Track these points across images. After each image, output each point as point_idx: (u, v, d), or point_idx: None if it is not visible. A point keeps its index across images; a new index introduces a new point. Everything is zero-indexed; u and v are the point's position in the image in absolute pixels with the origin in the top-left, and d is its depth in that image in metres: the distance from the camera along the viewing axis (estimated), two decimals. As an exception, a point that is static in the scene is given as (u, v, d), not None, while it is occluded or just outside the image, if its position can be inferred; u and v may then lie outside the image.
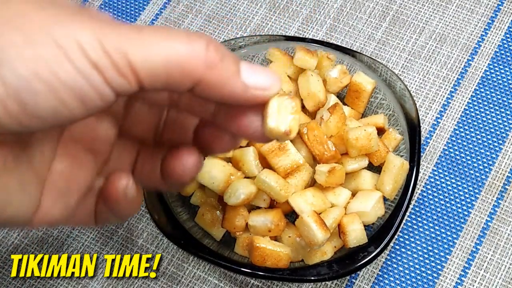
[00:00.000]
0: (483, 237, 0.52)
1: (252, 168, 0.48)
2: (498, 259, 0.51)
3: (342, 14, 0.62)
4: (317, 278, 0.46)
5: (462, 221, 0.52)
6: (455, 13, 0.61)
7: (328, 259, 0.47)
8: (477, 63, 0.58)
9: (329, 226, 0.46)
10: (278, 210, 0.48)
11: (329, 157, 0.48)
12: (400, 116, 0.51)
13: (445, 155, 0.55)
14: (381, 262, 0.51)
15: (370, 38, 0.60)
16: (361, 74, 0.52)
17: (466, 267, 0.51)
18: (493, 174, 0.54)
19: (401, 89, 0.51)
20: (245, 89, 0.29)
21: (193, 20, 0.63)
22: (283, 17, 0.62)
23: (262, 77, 0.29)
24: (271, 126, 0.30)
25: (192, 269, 0.52)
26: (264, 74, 0.30)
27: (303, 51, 0.51)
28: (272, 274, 0.46)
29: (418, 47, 0.60)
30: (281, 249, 0.46)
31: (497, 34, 0.59)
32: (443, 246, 0.52)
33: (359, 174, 0.50)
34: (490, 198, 0.53)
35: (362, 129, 0.48)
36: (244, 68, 0.29)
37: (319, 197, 0.48)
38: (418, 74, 0.58)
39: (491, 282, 0.50)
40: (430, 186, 0.54)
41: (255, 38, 0.55)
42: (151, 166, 0.34)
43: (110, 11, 0.64)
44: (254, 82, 0.29)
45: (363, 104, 0.52)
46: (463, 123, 0.56)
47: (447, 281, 0.50)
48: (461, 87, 0.58)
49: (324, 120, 0.49)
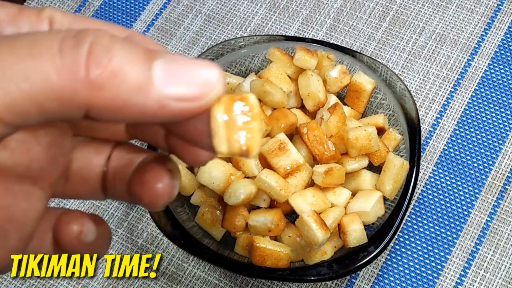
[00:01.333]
0: (483, 237, 0.52)
1: (252, 168, 0.48)
2: (498, 259, 0.51)
3: (342, 14, 0.62)
4: (317, 278, 0.45)
5: (462, 221, 0.52)
6: (455, 13, 0.61)
7: (328, 259, 0.47)
8: (477, 63, 0.58)
9: (329, 226, 0.46)
10: (278, 210, 0.48)
11: (329, 157, 0.48)
12: (400, 116, 0.51)
13: (445, 155, 0.55)
14: (381, 262, 0.51)
15: (370, 38, 0.60)
16: (361, 74, 0.52)
17: (466, 267, 0.51)
18: (493, 174, 0.54)
19: (401, 89, 0.51)
20: (162, 105, 0.20)
21: (193, 20, 0.63)
22: (283, 17, 0.62)
23: (187, 80, 0.21)
24: (220, 150, 0.21)
25: (192, 269, 0.52)
26: (190, 74, 0.21)
27: (303, 51, 0.51)
28: (272, 274, 0.46)
29: (418, 47, 0.59)
30: (281, 249, 0.46)
31: (497, 34, 0.59)
32: (443, 246, 0.52)
33: (359, 174, 0.50)
34: (490, 198, 0.53)
35: (362, 129, 0.48)
36: (159, 70, 0.20)
37: (319, 197, 0.48)
38: (418, 74, 0.58)
39: (491, 282, 0.50)
40: (430, 186, 0.54)
41: (255, 38, 0.54)
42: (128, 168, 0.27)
43: (110, 11, 0.64)
44: (175, 91, 0.20)
45: (363, 104, 0.52)
46: (463, 123, 0.56)
47: (447, 281, 0.50)
48: (461, 87, 0.58)
49: (324, 120, 0.49)
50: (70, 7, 0.64)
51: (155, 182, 0.25)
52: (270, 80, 0.50)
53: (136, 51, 0.20)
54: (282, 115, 0.49)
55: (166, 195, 0.25)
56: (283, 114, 0.49)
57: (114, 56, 0.20)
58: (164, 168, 0.25)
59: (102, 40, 0.20)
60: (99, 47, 0.20)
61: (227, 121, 0.21)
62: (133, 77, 0.20)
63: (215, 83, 0.21)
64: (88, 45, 0.20)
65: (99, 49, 0.20)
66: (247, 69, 0.55)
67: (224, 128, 0.21)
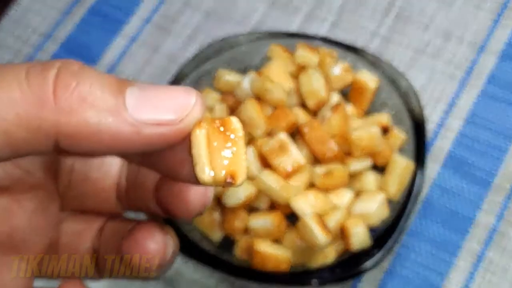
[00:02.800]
0: (490, 240, 0.51)
1: (252, 169, 0.47)
2: (506, 263, 0.50)
3: (344, 10, 0.61)
4: (319, 282, 0.45)
5: (468, 223, 0.52)
6: (461, 9, 0.60)
7: (330, 263, 0.46)
8: (484, 60, 0.58)
9: (331, 228, 0.45)
10: (279, 212, 0.47)
11: (331, 157, 0.47)
12: (405, 115, 0.50)
13: (451, 155, 0.54)
14: (385, 265, 0.51)
15: (374, 34, 0.60)
16: (364, 72, 0.51)
17: (473, 271, 0.50)
18: (501, 175, 0.53)
19: (405, 87, 0.51)
20: (137, 129, 0.19)
21: (191, 17, 0.62)
22: (284, 13, 0.61)
23: (162, 105, 0.20)
24: (202, 177, 0.20)
25: (190, 273, 0.51)
26: (166, 99, 0.20)
27: (304, 48, 0.51)
28: (272, 278, 0.45)
29: (423, 44, 0.59)
30: (281, 252, 0.46)
31: (504, 30, 0.59)
32: (449, 249, 0.51)
33: (362, 175, 0.49)
34: (497, 200, 0.52)
35: (365, 129, 0.47)
36: (132, 96, 0.20)
37: (321, 198, 0.47)
38: (423, 72, 0.58)
39: (498, 286, 0.49)
40: (436, 187, 0.53)
41: (255, 35, 0.54)
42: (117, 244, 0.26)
43: (105, 8, 0.63)
44: (150, 116, 0.19)
45: (367, 102, 0.52)
46: (470, 122, 0.56)
47: (453, 285, 0.50)
48: (468, 85, 0.57)
49: (326, 119, 0.48)
50: (65, 3, 0.63)
51: (146, 239, 0.24)
52: (271, 77, 0.50)
53: (107, 77, 0.20)
54: (283, 114, 0.48)
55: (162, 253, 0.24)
56: (284, 113, 0.49)
57: (83, 80, 0.19)
58: (157, 226, 0.24)
59: (71, 66, 0.20)
60: (67, 71, 0.19)
61: (209, 147, 0.20)
62: (103, 101, 0.19)
63: (192, 106, 0.20)
64: (56, 70, 0.19)
65: (67, 73, 0.19)
66: (247, 66, 0.54)
67: (206, 155, 0.20)
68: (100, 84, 0.19)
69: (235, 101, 0.51)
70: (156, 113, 0.20)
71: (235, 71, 0.53)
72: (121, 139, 0.19)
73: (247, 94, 0.50)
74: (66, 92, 0.19)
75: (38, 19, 0.63)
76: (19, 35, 0.62)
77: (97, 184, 0.26)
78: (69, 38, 0.61)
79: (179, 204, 0.24)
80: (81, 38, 0.61)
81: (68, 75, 0.19)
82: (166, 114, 0.20)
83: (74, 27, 0.62)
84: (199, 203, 0.24)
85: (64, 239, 0.26)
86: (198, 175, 0.20)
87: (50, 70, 0.19)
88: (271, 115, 0.49)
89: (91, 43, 0.61)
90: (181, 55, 0.60)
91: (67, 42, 0.61)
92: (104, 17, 0.62)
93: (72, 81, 0.19)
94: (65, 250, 0.26)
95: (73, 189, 0.26)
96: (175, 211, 0.25)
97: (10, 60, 0.61)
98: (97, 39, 0.61)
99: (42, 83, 0.19)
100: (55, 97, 0.19)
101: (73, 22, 0.62)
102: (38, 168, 0.25)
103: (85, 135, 0.19)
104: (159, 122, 0.19)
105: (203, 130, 0.20)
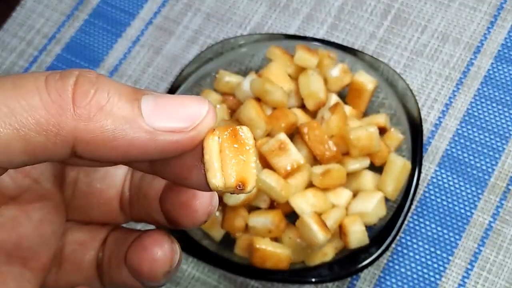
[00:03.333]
0: (486, 238, 0.51)
1: (252, 168, 0.47)
2: (501, 260, 0.50)
3: (343, 12, 0.61)
4: (318, 279, 0.45)
5: (464, 222, 0.52)
6: (457, 11, 0.60)
7: (329, 261, 0.47)
8: (480, 62, 0.58)
9: (330, 227, 0.45)
10: (278, 210, 0.48)
11: (330, 157, 0.48)
12: (402, 115, 0.51)
13: (447, 155, 0.55)
14: (383, 263, 0.51)
15: (372, 36, 0.60)
16: (362, 73, 0.51)
17: (469, 268, 0.50)
18: (496, 175, 0.53)
19: (403, 88, 0.51)
20: (153, 136, 0.20)
21: (192, 19, 0.62)
22: (284, 15, 0.61)
23: (176, 113, 0.20)
24: (214, 183, 0.21)
25: (192, 271, 0.51)
26: (180, 108, 0.20)
27: (303, 49, 0.51)
28: (272, 275, 0.45)
29: (420, 45, 0.59)
30: (281, 250, 0.46)
31: (501, 32, 0.59)
32: (446, 247, 0.51)
33: (360, 175, 0.49)
34: (493, 198, 0.52)
35: (363, 129, 0.47)
36: (147, 104, 0.20)
37: (320, 197, 0.47)
38: (420, 73, 0.58)
39: (494, 283, 0.50)
40: (432, 186, 0.53)
41: (255, 37, 0.54)
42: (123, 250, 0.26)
43: (108, 10, 0.63)
44: (165, 124, 0.20)
45: (365, 103, 0.52)
46: (466, 122, 0.56)
47: (450, 283, 0.50)
48: (464, 86, 0.57)
49: (325, 119, 0.48)
50: (68, 5, 0.64)
51: (154, 246, 0.24)
52: (270, 79, 0.50)
53: (122, 86, 0.20)
54: (283, 114, 0.49)
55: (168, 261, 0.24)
56: (284, 114, 0.49)
57: (101, 88, 0.20)
58: (164, 234, 0.24)
59: (88, 74, 0.20)
60: (85, 79, 0.20)
61: (221, 154, 0.21)
62: (120, 109, 0.19)
63: (204, 115, 0.20)
64: (75, 78, 0.20)
65: (85, 81, 0.20)
66: (247, 68, 0.54)
67: (218, 161, 0.20)
68: (117, 92, 0.20)
69: (235, 102, 0.51)
70: (170, 121, 0.20)
71: (235, 73, 0.54)
72: (136, 145, 0.20)
73: (247, 95, 0.50)
74: (85, 100, 0.19)
75: (41, 21, 0.63)
76: (23, 36, 0.63)
77: (100, 195, 0.26)
78: (73, 40, 0.62)
79: (186, 213, 0.24)
80: (84, 39, 0.62)
81: (86, 83, 0.20)
82: (180, 122, 0.20)
83: (78, 29, 0.62)
84: (205, 212, 0.25)
85: (68, 249, 0.26)
86: (210, 181, 0.21)
87: (69, 78, 0.20)
88: (270, 116, 0.49)
89: (94, 45, 0.61)
90: (182, 56, 0.60)
91: (70, 43, 0.62)
92: (107, 19, 0.63)
93: (90, 89, 0.19)
94: (69, 260, 0.26)
95: (77, 200, 0.26)
96: (181, 221, 0.24)
97: (14, 61, 0.61)
98: (100, 40, 0.61)
99: (61, 91, 0.19)
100: (74, 104, 0.19)
101: (76, 24, 0.62)
102: (47, 178, 0.25)
103: (102, 141, 0.19)
104: (173, 130, 0.20)
105: (215, 138, 0.21)
